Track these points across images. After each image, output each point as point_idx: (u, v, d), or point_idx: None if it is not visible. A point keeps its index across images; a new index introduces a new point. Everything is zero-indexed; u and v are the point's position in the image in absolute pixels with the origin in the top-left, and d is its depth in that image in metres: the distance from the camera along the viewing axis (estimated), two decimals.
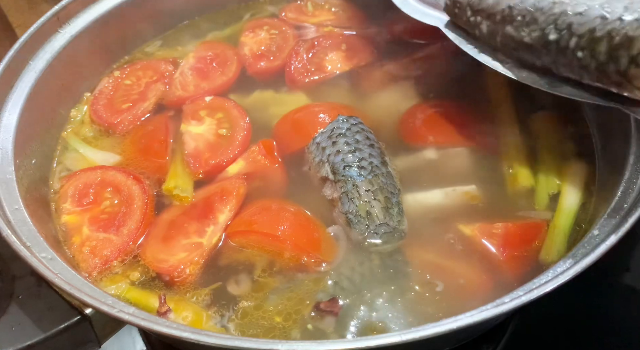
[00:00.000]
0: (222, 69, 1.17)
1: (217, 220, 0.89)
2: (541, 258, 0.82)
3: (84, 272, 0.85)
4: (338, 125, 0.93)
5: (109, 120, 1.08)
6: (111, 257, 0.86)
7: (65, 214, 0.93)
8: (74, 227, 0.91)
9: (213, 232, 0.88)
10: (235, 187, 0.93)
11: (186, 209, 0.92)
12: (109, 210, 0.92)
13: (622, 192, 0.80)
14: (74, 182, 0.96)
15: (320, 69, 1.15)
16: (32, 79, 1.00)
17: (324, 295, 0.80)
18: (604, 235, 0.72)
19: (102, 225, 0.90)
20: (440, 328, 0.62)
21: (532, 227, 0.86)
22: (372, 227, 0.83)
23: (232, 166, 0.97)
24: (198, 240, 0.87)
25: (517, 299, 0.65)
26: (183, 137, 1.03)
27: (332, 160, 0.89)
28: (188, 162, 0.99)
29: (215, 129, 1.03)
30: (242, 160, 0.98)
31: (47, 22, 1.05)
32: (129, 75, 1.17)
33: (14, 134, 0.93)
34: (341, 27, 1.26)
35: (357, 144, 0.90)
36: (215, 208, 0.90)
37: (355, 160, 0.87)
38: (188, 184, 0.96)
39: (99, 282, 0.85)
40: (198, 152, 1.00)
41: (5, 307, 0.80)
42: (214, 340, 0.63)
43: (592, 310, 0.95)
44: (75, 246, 0.88)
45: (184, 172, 0.98)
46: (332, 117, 0.96)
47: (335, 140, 0.91)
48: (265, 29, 1.26)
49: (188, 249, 0.86)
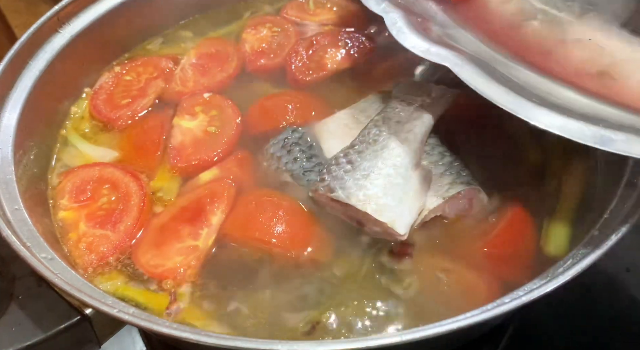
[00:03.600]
0: (222, 66, 1.17)
1: (210, 222, 0.88)
2: (544, 252, 0.83)
3: (80, 269, 0.84)
4: (288, 136, 0.96)
5: (108, 115, 1.08)
6: (107, 253, 0.86)
7: (63, 210, 0.92)
8: (71, 223, 0.91)
9: (208, 234, 0.87)
10: (225, 188, 0.92)
11: (176, 213, 0.90)
12: (106, 207, 0.92)
13: (622, 192, 0.79)
14: (71, 179, 0.96)
15: (321, 68, 1.15)
16: (32, 79, 1.00)
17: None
18: (604, 236, 0.72)
19: (99, 221, 0.90)
20: (440, 328, 0.62)
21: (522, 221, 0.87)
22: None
23: (206, 173, 0.97)
24: (193, 243, 0.86)
25: (517, 299, 0.65)
26: (172, 130, 1.03)
27: (290, 168, 0.91)
28: (170, 155, 0.99)
29: (206, 126, 1.03)
30: (216, 169, 0.97)
31: (47, 22, 1.05)
32: (130, 71, 1.17)
33: (14, 134, 0.93)
34: (342, 26, 1.26)
35: (312, 150, 0.93)
36: (207, 210, 0.90)
37: (313, 165, 0.91)
38: (174, 184, 0.96)
39: (95, 278, 0.84)
40: (183, 146, 1.00)
41: (5, 307, 0.80)
42: (214, 340, 0.63)
43: (592, 310, 0.95)
44: (72, 242, 0.88)
45: (171, 172, 0.98)
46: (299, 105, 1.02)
47: (290, 149, 0.93)
48: (267, 26, 1.26)
49: (184, 252, 0.85)
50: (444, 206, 0.85)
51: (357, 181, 0.83)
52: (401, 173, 0.84)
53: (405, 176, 0.83)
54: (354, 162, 0.85)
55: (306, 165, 0.91)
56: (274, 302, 0.81)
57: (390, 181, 0.82)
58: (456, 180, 0.86)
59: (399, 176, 0.83)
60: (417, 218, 0.83)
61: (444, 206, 0.85)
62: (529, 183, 0.92)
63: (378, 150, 0.87)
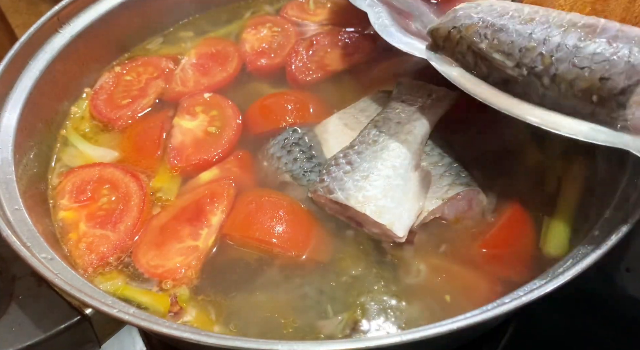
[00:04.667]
0: (223, 66, 1.17)
1: (210, 222, 0.88)
2: (544, 252, 0.83)
3: (81, 269, 0.84)
4: (288, 136, 0.96)
5: (108, 115, 1.08)
6: (107, 253, 0.86)
7: (63, 210, 0.93)
8: (71, 223, 0.91)
9: (208, 234, 0.87)
10: (225, 188, 0.92)
11: (176, 213, 0.90)
12: (106, 207, 0.92)
13: (622, 192, 0.80)
14: (72, 179, 0.96)
15: (321, 68, 1.15)
16: (32, 79, 1.00)
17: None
18: (604, 235, 0.72)
19: (99, 221, 0.90)
20: (440, 329, 0.62)
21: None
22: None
23: (206, 173, 0.97)
24: (193, 243, 0.86)
25: (517, 299, 0.65)
26: (172, 130, 1.03)
27: (290, 168, 0.92)
28: (170, 155, 0.99)
29: (206, 126, 1.04)
30: (216, 169, 0.97)
31: (47, 23, 1.05)
32: (130, 71, 1.17)
33: (14, 134, 0.93)
34: (342, 26, 1.26)
35: (312, 150, 0.94)
36: (207, 210, 0.89)
37: (313, 166, 0.91)
38: (174, 184, 0.96)
39: (95, 278, 0.84)
40: (183, 146, 1.00)
41: (5, 307, 0.80)
42: (214, 340, 0.63)
43: (592, 310, 0.95)
44: (72, 242, 0.88)
45: (171, 172, 0.98)
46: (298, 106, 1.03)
47: (290, 149, 0.94)
48: (267, 27, 1.26)
49: (184, 252, 0.85)
50: (443, 207, 0.85)
51: (357, 182, 0.83)
52: (400, 174, 0.84)
53: (405, 177, 0.83)
54: (354, 163, 0.86)
55: (306, 165, 0.92)
56: (278, 304, 0.80)
57: (390, 182, 0.82)
58: (455, 181, 0.86)
59: (398, 177, 0.83)
60: (416, 220, 0.83)
61: (444, 207, 0.85)
62: (528, 183, 0.92)
63: (377, 151, 0.87)
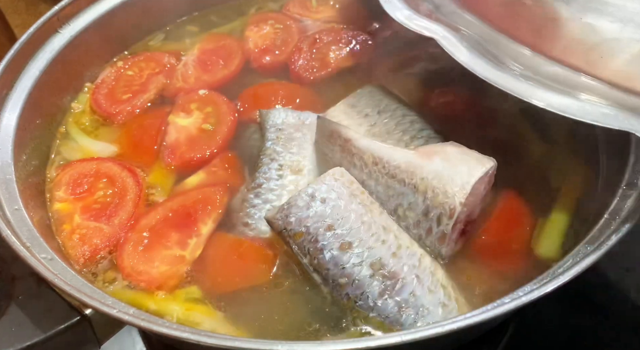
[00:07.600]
0: (225, 62, 1.17)
1: (199, 231, 0.87)
2: (537, 254, 0.83)
3: (72, 260, 0.85)
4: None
5: (108, 109, 1.08)
6: (101, 245, 0.86)
7: (58, 201, 0.93)
8: (66, 214, 0.91)
9: (196, 244, 0.86)
10: (218, 194, 0.91)
11: (166, 216, 0.89)
12: (101, 201, 0.92)
13: (622, 192, 0.79)
14: (69, 171, 0.96)
15: (324, 65, 1.15)
16: (32, 79, 1.00)
17: None
18: (604, 236, 0.72)
19: (94, 214, 0.90)
20: (440, 328, 0.62)
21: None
22: None
23: (192, 178, 0.96)
24: (180, 252, 0.85)
25: (517, 299, 0.65)
26: (167, 128, 1.03)
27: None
28: (163, 153, 0.99)
29: (200, 123, 1.03)
30: (202, 173, 0.97)
31: (47, 22, 1.05)
32: (132, 67, 1.16)
33: (14, 134, 0.93)
34: (344, 23, 1.26)
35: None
36: (198, 218, 0.88)
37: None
38: (168, 182, 0.96)
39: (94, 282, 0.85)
40: (177, 144, 1.00)
41: (5, 307, 0.80)
42: (214, 340, 0.63)
43: (592, 310, 0.95)
44: (65, 233, 0.88)
45: (166, 169, 0.99)
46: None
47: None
48: (270, 24, 1.26)
49: (170, 262, 0.84)
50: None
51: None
52: None
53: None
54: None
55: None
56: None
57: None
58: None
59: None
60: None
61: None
62: (527, 181, 0.92)
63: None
